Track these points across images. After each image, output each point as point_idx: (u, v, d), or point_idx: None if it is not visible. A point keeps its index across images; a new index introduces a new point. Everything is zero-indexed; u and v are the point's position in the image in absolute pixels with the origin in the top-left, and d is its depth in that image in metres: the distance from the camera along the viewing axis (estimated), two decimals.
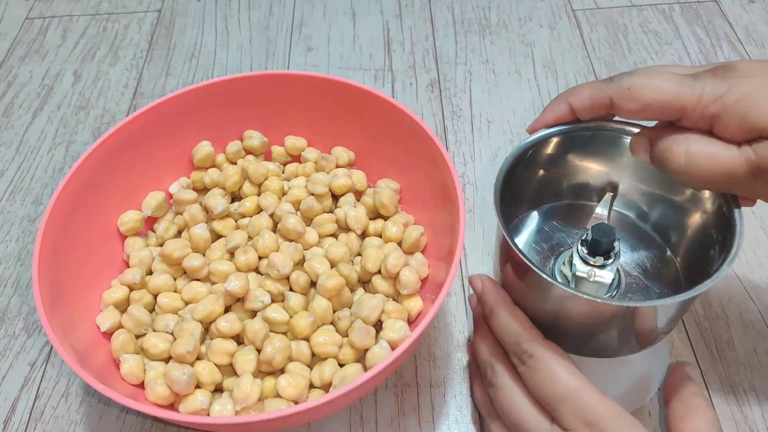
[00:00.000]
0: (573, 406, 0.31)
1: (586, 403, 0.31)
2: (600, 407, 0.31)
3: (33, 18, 0.72)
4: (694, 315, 0.45)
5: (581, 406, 0.31)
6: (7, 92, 0.64)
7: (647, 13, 0.68)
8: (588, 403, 0.31)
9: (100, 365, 0.40)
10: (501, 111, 0.59)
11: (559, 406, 0.31)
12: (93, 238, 0.45)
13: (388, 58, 0.65)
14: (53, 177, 0.56)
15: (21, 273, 0.50)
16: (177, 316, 0.42)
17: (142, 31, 0.69)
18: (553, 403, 0.32)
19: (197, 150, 0.49)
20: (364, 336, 0.39)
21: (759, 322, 0.45)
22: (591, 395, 0.31)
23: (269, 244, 0.43)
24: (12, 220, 0.53)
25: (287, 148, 0.50)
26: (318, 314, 0.40)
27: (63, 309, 0.40)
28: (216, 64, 0.65)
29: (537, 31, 0.67)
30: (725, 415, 0.41)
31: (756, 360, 0.43)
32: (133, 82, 0.64)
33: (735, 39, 0.64)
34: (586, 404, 0.31)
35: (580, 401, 0.31)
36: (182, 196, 0.47)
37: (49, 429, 0.42)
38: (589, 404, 0.31)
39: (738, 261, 0.48)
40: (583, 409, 0.31)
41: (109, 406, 0.43)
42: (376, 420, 0.42)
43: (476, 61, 0.64)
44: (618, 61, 0.63)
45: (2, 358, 0.45)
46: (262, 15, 0.70)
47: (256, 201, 0.47)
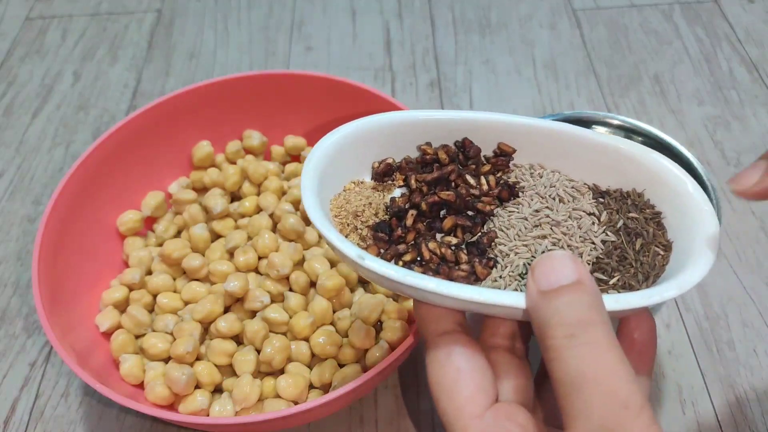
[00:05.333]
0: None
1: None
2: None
3: (33, 18, 0.72)
4: (694, 315, 0.45)
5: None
6: (7, 92, 0.64)
7: (647, 13, 0.68)
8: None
9: (100, 365, 0.40)
10: (501, 111, 0.59)
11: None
12: (93, 238, 0.45)
13: (388, 58, 0.65)
14: (53, 177, 0.56)
15: (21, 273, 0.50)
16: (176, 317, 0.42)
17: (141, 31, 0.69)
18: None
19: (197, 150, 0.49)
20: (364, 336, 0.39)
21: (759, 322, 0.45)
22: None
23: (269, 244, 0.43)
24: (12, 220, 0.53)
25: (287, 148, 0.50)
26: (318, 314, 0.40)
27: (63, 309, 0.40)
28: (216, 63, 0.65)
29: (537, 31, 0.67)
30: (725, 414, 0.41)
31: (756, 360, 0.43)
32: (133, 82, 0.64)
33: (735, 39, 0.64)
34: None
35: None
36: (182, 196, 0.47)
37: (49, 429, 0.42)
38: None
39: (738, 261, 0.48)
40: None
41: (109, 406, 0.43)
42: (376, 420, 0.42)
43: (476, 61, 0.64)
44: (618, 61, 0.63)
45: (2, 358, 0.45)
46: (261, 15, 0.70)
47: (255, 201, 0.47)
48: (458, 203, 0.30)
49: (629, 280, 0.28)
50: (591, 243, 0.29)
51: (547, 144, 0.31)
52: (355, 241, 0.30)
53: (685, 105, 0.58)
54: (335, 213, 0.30)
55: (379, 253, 0.29)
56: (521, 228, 0.29)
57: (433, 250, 0.28)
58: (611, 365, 0.22)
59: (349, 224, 0.30)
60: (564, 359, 0.23)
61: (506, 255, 0.28)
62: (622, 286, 0.28)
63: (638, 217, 0.29)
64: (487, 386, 0.26)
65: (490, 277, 0.28)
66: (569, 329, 0.23)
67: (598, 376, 0.22)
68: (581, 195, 0.30)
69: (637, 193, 0.31)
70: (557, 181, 0.31)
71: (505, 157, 0.32)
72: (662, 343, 0.44)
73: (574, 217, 0.29)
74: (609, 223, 0.29)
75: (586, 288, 0.24)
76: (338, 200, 0.31)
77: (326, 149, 0.30)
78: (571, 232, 0.29)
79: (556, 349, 0.23)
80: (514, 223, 0.29)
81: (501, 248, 0.29)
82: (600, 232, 0.29)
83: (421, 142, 0.32)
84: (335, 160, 0.30)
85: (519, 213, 0.30)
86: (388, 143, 0.32)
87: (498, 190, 0.31)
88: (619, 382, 0.22)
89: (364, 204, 0.30)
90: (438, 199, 0.29)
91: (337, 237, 0.26)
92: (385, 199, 0.31)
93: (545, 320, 0.24)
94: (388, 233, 0.29)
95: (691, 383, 0.42)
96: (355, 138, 0.31)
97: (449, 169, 0.30)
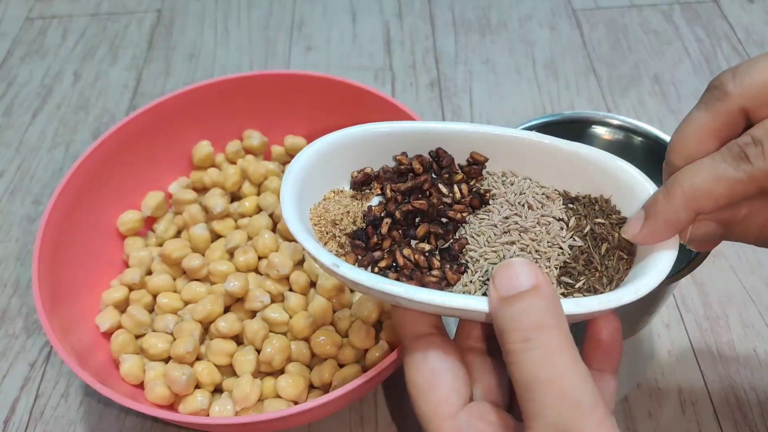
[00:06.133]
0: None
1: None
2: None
3: (33, 18, 0.72)
4: (694, 315, 0.45)
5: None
6: (7, 92, 0.64)
7: (647, 13, 0.68)
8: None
9: (100, 365, 0.40)
10: (501, 110, 0.59)
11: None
12: (93, 238, 0.45)
13: (388, 58, 0.65)
14: (53, 177, 0.56)
15: (21, 273, 0.50)
16: (176, 317, 0.42)
17: (141, 31, 0.69)
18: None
19: (197, 150, 0.49)
20: (364, 336, 0.39)
21: (759, 322, 0.45)
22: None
23: (269, 244, 0.43)
24: (12, 220, 0.53)
25: (287, 148, 0.50)
26: (318, 314, 0.40)
27: (63, 309, 0.40)
28: (216, 64, 0.65)
29: (537, 31, 0.67)
30: (725, 415, 0.41)
31: (756, 360, 0.43)
32: (133, 82, 0.64)
33: (735, 39, 0.64)
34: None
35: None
36: (182, 196, 0.47)
37: (49, 429, 0.42)
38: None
39: (738, 261, 0.48)
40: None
41: (109, 406, 0.43)
42: (376, 420, 0.42)
43: (476, 61, 0.64)
44: (618, 61, 0.63)
45: (2, 358, 0.45)
46: (261, 15, 0.70)
47: (255, 201, 0.47)
48: (431, 211, 0.31)
49: (594, 283, 0.29)
50: (559, 248, 0.29)
51: (518, 152, 0.32)
52: (333, 249, 0.31)
53: (685, 105, 0.58)
54: (314, 222, 0.31)
55: (356, 259, 0.30)
56: (491, 234, 0.30)
57: (408, 256, 0.29)
58: (563, 367, 0.24)
59: (328, 232, 0.31)
60: (520, 363, 0.24)
61: (476, 261, 0.29)
62: (587, 289, 0.29)
63: (605, 222, 0.30)
64: (460, 387, 0.27)
65: (461, 282, 0.29)
66: (524, 334, 0.24)
67: (550, 377, 0.23)
68: (551, 201, 0.31)
69: (605, 199, 0.31)
70: (527, 189, 0.32)
71: (478, 165, 0.33)
72: (662, 343, 0.44)
73: (543, 223, 0.30)
74: (577, 228, 0.30)
75: (543, 293, 0.25)
76: (318, 209, 0.31)
77: (306, 159, 0.31)
78: (539, 238, 0.30)
79: (514, 354, 0.24)
80: (484, 230, 0.30)
81: (471, 254, 0.30)
82: (568, 237, 0.30)
83: (398, 152, 0.33)
84: (315, 170, 0.31)
85: (489, 220, 0.31)
86: (366, 153, 0.32)
87: (469, 198, 0.31)
88: (570, 382, 0.23)
89: (343, 212, 0.31)
90: (411, 208, 0.31)
91: (313, 246, 0.28)
92: (364, 207, 0.32)
93: (504, 325, 0.25)
94: (365, 241, 0.30)
95: (691, 383, 0.42)
96: (334, 148, 0.32)
97: (422, 179, 0.31)
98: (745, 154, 0.25)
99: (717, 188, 0.25)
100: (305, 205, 0.31)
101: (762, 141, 0.24)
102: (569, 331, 0.25)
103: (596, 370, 0.29)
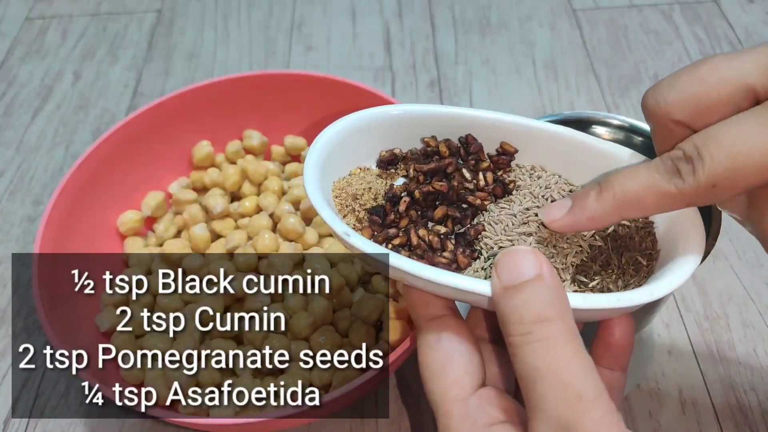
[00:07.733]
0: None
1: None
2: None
3: (33, 18, 0.72)
4: (694, 315, 0.45)
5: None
6: (7, 92, 0.64)
7: (647, 13, 0.68)
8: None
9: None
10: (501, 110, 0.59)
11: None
12: (93, 238, 0.45)
13: (388, 58, 0.65)
14: (53, 177, 0.56)
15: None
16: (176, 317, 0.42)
17: (142, 31, 0.69)
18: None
19: (197, 150, 0.49)
20: (364, 336, 0.39)
21: (759, 322, 0.45)
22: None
23: (269, 244, 0.43)
24: (12, 220, 0.53)
25: (287, 148, 0.50)
26: (318, 314, 0.40)
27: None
28: (216, 63, 0.65)
29: (537, 31, 0.67)
30: (725, 415, 0.41)
31: (756, 360, 0.43)
32: (133, 82, 0.64)
33: (735, 39, 0.64)
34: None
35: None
36: (182, 196, 0.47)
37: (49, 429, 0.42)
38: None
39: (738, 261, 0.48)
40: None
41: (109, 406, 0.43)
42: (376, 420, 0.42)
43: (476, 61, 0.64)
44: (618, 61, 0.63)
45: (2, 358, 0.45)
46: (262, 15, 0.70)
47: (255, 201, 0.47)
48: (451, 194, 0.31)
49: (609, 284, 0.28)
50: (578, 246, 0.29)
51: (549, 147, 0.32)
52: (351, 222, 0.31)
53: None
54: (336, 194, 0.31)
55: (372, 235, 0.30)
56: (509, 224, 0.30)
57: (422, 236, 0.29)
58: (564, 359, 0.23)
59: (348, 206, 0.31)
60: (521, 355, 0.24)
61: (490, 248, 0.29)
62: (600, 289, 0.28)
63: (629, 225, 0.30)
64: (473, 371, 0.27)
65: (471, 268, 0.29)
66: (526, 326, 0.24)
67: (551, 370, 0.23)
68: None
69: None
70: (554, 184, 0.31)
71: (507, 156, 0.32)
72: (662, 343, 0.44)
73: None
74: (600, 229, 0.30)
75: (546, 283, 0.24)
76: (341, 183, 0.31)
77: (336, 132, 0.31)
78: (559, 233, 0.29)
79: (515, 346, 0.24)
80: (502, 218, 0.30)
81: (486, 241, 0.29)
82: (588, 236, 0.29)
83: (428, 135, 0.32)
84: (344, 143, 0.31)
85: (509, 209, 0.30)
86: (397, 134, 0.32)
87: (493, 186, 0.31)
88: (571, 375, 0.23)
89: (365, 188, 0.31)
90: (431, 189, 0.31)
91: (327, 212, 0.27)
92: (387, 186, 0.32)
93: (506, 317, 0.24)
94: (383, 218, 0.30)
95: (691, 383, 0.42)
96: (365, 125, 0.32)
97: (447, 162, 0.31)
98: (678, 169, 0.24)
99: (647, 198, 0.25)
100: (329, 177, 0.31)
101: (692, 158, 0.24)
102: (574, 323, 0.24)
103: (604, 368, 0.28)
